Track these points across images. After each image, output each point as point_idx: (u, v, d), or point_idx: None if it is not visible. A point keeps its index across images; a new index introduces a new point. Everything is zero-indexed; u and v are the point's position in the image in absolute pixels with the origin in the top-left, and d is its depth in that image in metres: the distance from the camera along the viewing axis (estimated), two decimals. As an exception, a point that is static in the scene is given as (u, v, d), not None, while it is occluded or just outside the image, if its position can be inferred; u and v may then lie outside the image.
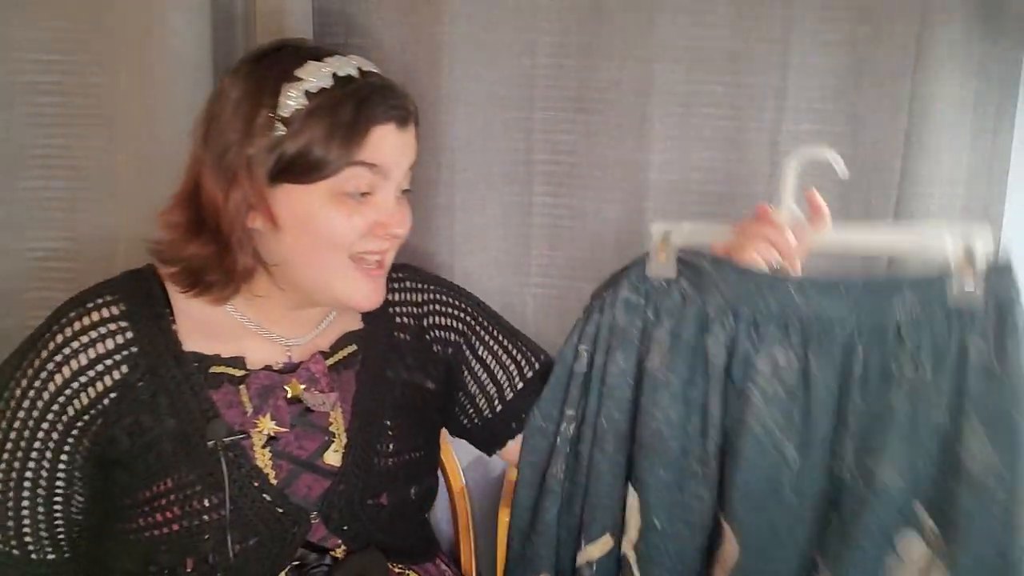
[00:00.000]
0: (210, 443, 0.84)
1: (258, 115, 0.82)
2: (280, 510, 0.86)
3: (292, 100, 0.82)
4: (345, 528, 0.90)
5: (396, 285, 1.02)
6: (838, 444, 0.78)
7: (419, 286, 1.04)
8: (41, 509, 0.83)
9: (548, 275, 1.30)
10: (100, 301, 0.87)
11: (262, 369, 0.90)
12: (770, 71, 1.23)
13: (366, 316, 0.98)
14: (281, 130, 0.82)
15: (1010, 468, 0.71)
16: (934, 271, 0.75)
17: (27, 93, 1.15)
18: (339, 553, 0.90)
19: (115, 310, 0.86)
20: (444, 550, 1.10)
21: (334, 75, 0.83)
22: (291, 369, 0.92)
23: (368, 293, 0.89)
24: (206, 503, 0.83)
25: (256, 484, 0.85)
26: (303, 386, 0.91)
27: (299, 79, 0.83)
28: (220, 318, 0.91)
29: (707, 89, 1.24)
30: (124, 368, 0.85)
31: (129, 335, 0.86)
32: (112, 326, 0.86)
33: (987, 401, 0.73)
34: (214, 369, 0.88)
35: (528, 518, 0.92)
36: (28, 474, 0.83)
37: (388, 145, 0.85)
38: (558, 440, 0.89)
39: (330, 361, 0.94)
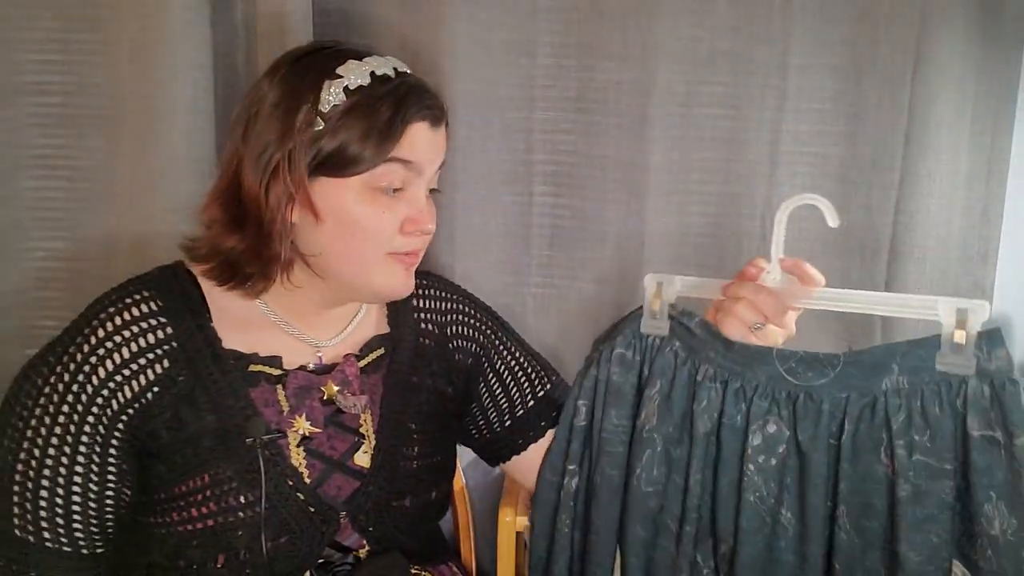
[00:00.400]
0: (248, 440, 0.84)
1: (299, 111, 0.84)
2: (312, 509, 0.87)
3: (332, 96, 0.84)
4: (371, 529, 0.91)
5: (421, 292, 1.03)
6: (835, 508, 0.79)
7: (444, 295, 1.05)
8: (92, 504, 0.83)
9: (548, 275, 1.30)
10: (138, 297, 0.87)
11: (298, 369, 0.91)
12: (770, 71, 1.23)
13: (393, 321, 1.00)
14: (320, 125, 0.84)
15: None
16: (923, 341, 0.75)
17: (27, 93, 1.15)
18: (362, 553, 0.91)
19: (153, 306, 0.87)
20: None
21: (372, 74, 0.86)
22: (326, 370, 0.93)
23: (403, 283, 0.91)
24: (241, 499, 0.83)
25: (291, 483, 0.86)
26: (337, 388, 0.91)
27: (339, 76, 0.85)
28: (254, 316, 0.92)
29: (707, 89, 1.24)
30: (165, 363, 0.85)
31: (169, 330, 0.86)
32: (152, 321, 0.86)
33: (996, 472, 0.73)
34: (253, 367, 0.89)
35: (542, 567, 0.94)
36: (78, 468, 0.82)
37: (422, 142, 0.87)
38: (562, 494, 0.91)
39: (360, 364, 0.95)
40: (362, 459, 0.91)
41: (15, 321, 1.18)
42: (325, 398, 0.91)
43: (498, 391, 1.03)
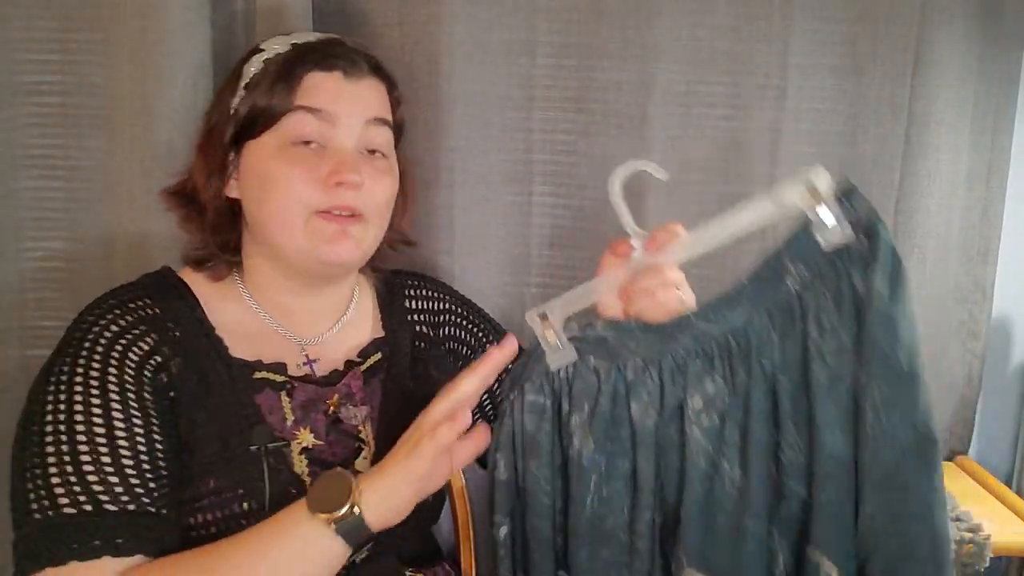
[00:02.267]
0: (253, 448, 0.83)
1: (227, 93, 0.89)
2: None
3: (253, 68, 0.87)
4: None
5: (414, 292, 1.02)
6: (781, 437, 0.75)
7: (436, 295, 1.05)
8: (144, 455, 0.77)
9: (548, 275, 1.30)
10: (140, 303, 0.85)
11: (300, 378, 0.90)
12: (770, 71, 1.24)
13: (388, 324, 0.99)
14: (240, 95, 0.87)
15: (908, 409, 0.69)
16: (799, 230, 0.71)
17: (27, 93, 1.15)
18: (358, 559, 0.90)
19: (156, 310, 0.85)
20: (445, 552, 1.10)
21: (293, 44, 0.87)
22: (330, 383, 0.92)
23: (333, 242, 0.85)
24: (245, 507, 0.82)
25: (295, 491, 0.84)
26: (341, 401, 0.91)
27: (261, 51, 0.88)
28: (247, 319, 0.91)
29: (707, 89, 1.24)
30: (180, 360, 0.84)
31: (177, 334, 0.85)
32: (160, 323, 0.84)
33: (882, 334, 0.68)
34: (258, 375, 0.87)
35: None
36: (156, 435, 0.78)
37: (328, 91, 0.86)
38: (497, 545, 0.85)
39: (360, 368, 0.94)
40: (362, 465, 0.90)
41: (13, 321, 1.17)
42: (330, 411, 0.90)
43: (485, 395, 1.02)
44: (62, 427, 0.76)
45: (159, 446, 0.78)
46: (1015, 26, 1.24)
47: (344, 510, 0.74)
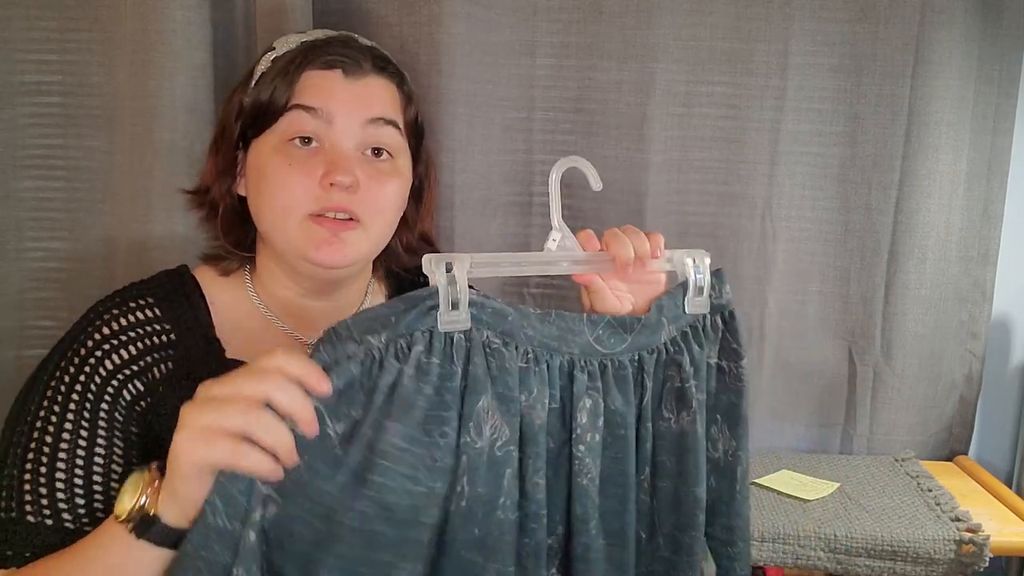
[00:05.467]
0: None
1: (239, 92, 0.89)
2: None
3: (262, 67, 0.87)
4: None
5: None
6: (640, 473, 0.78)
7: None
8: (115, 484, 0.77)
9: (548, 275, 1.30)
10: (142, 302, 0.84)
11: None
12: (770, 71, 1.24)
13: None
14: (248, 94, 0.87)
15: (741, 449, 0.80)
16: (674, 291, 0.79)
17: (27, 93, 1.15)
18: None
19: (155, 312, 0.84)
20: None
21: (302, 42, 0.87)
22: None
23: (323, 246, 0.82)
24: None
25: None
26: None
27: (273, 49, 0.88)
28: (254, 319, 0.90)
29: (707, 89, 1.24)
30: (170, 364, 0.83)
31: (172, 337, 0.84)
32: (156, 326, 0.84)
33: (722, 397, 0.80)
34: None
35: None
36: (99, 450, 0.77)
37: (326, 90, 0.84)
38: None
39: None
40: None
41: (13, 321, 1.17)
42: None
43: None
44: (21, 429, 0.78)
45: (98, 462, 0.77)
46: (1015, 26, 1.24)
47: (131, 507, 0.64)
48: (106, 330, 0.82)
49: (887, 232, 1.27)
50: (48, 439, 0.77)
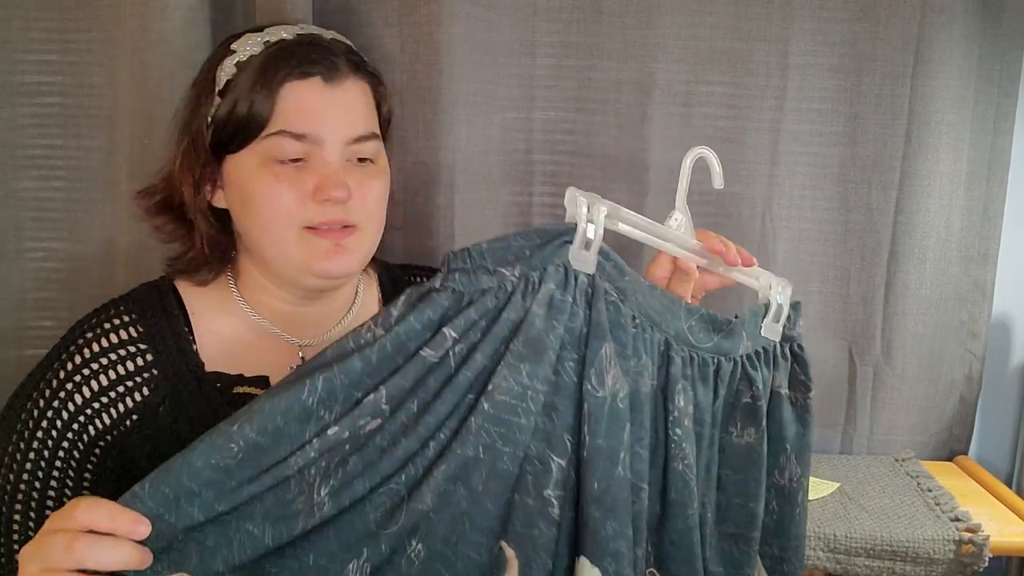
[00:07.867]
0: None
1: (202, 99, 0.85)
2: None
3: (225, 73, 0.83)
4: None
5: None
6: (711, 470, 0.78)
7: None
8: None
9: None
10: (117, 322, 0.84)
11: None
12: (770, 71, 1.24)
13: None
14: (216, 103, 0.83)
15: (805, 476, 0.81)
16: (757, 309, 0.80)
17: (27, 93, 1.15)
18: None
19: (133, 332, 0.84)
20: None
21: (266, 42, 0.84)
22: None
23: (327, 258, 0.83)
24: None
25: None
26: None
27: (233, 52, 0.84)
28: (240, 327, 0.89)
29: (707, 89, 1.24)
30: (145, 391, 0.82)
31: (149, 357, 0.83)
32: (132, 348, 0.83)
33: (792, 427, 0.81)
34: (238, 389, 0.85)
35: None
36: (51, 493, 0.79)
37: (309, 110, 0.82)
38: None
39: None
40: None
41: (13, 321, 1.18)
42: None
43: None
44: (9, 476, 0.79)
45: (50, 505, 0.79)
46: (1015, 26, 1.24)
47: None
48: (78, 358, 0.82)
49: (887, 232, 1.27)
50: (11, 476, 0.79)
